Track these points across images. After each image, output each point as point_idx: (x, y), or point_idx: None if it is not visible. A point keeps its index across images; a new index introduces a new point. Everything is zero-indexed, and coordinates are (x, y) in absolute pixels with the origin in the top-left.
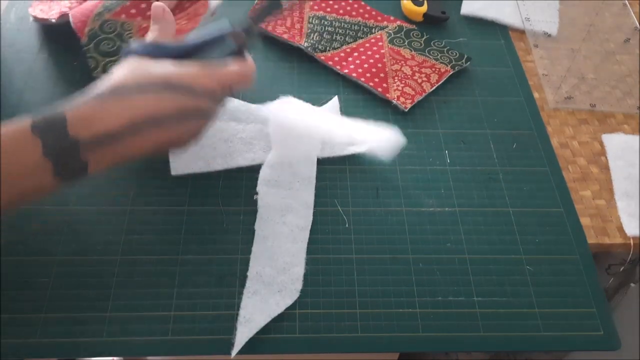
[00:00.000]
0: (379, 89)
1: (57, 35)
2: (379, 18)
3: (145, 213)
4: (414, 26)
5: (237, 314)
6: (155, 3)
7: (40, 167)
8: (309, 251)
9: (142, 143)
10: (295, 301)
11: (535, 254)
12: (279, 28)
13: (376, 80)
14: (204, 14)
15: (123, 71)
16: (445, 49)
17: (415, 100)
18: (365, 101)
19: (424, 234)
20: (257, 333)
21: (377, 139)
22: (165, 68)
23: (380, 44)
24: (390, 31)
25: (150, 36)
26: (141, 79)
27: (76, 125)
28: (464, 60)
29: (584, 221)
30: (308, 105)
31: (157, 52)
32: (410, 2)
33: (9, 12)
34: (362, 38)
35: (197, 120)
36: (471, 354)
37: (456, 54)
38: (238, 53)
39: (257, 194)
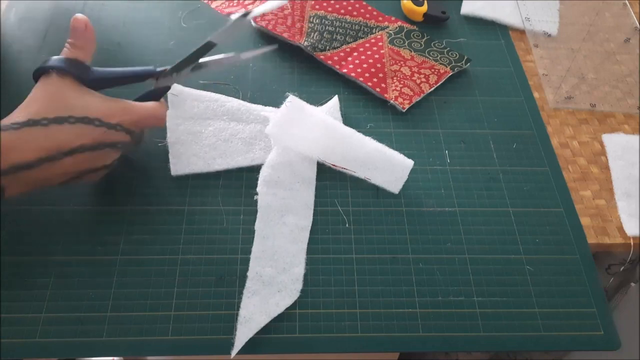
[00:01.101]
0: (377, 89)
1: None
2: (380, 18)
3: (145, 213)
4: (415, 27)
5: (237, 314)
6: (77, 16)
7: None
8: (309, 251)
9: (57, 171)
10: (295, 301)
11: (535, 254)
12: (279, 27)
13: (375, 80)
14: None
15: (43, 98)
16: (445, 50)
17: (414, 101)
18: (365, 101)
19: (424, 234)
20: (257, 333)
21: (386, 174)
22: (85, 100)
23: (380, 44)
24: (390, 31)
25: (68, 52)
26: (60, 109)
27: None
28: (463, 62)
29: (584, 221)
30: (315, 109)
31: (78, 71)
32: (410, 2)
33: (9, 12)
34: (362, 38)
35: (110, 151)
36: (471, 354)
37: (456, 55)
38: (155, 95)
39: (257, 194)
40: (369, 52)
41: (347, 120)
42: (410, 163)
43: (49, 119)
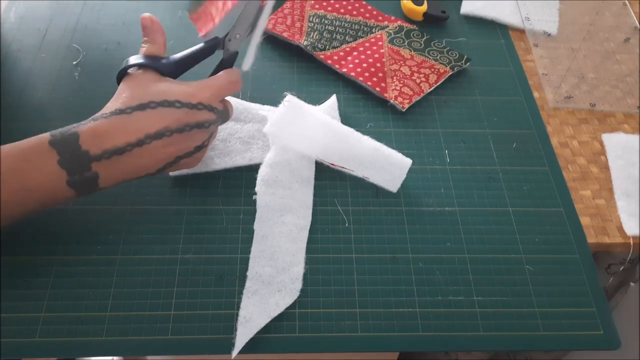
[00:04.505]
0: (377, 89)
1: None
2: (380, 18)
3: (145, 213)
4: (415, 26)
5: (237, 314)
6: (144, 15)
7: (55, 175)
8: (309, 251)
9: (149, 157)
10: (295, 301)
11: (535, 254)
12: (279, 26)
13: (374, 79)
14: None
15: (126, 91)
16: (445, 50)
17: (413, 101)
18: (365, 100)
19: (423, 234)
20: (257, 333)
21: (384, 173)
22: (162, 86)
23: (380, 43)
24: (390, 31)
25: (143, 49)
26: (141, 97)
27: (87, 140)
28: (463, 61)
29: (584, 220)
30: (313, 108)
31: (154, 63)
32: (410, 1)
33: (9, 12)
34: (362, 37)
35: (198, 132)
36: (471, 353)
37: (456, 54)
38: (226, 64)
39: (255, 193)
40: (368, 52)
41: (347, 120)
42: (408, 162)
43: (132, 106)
